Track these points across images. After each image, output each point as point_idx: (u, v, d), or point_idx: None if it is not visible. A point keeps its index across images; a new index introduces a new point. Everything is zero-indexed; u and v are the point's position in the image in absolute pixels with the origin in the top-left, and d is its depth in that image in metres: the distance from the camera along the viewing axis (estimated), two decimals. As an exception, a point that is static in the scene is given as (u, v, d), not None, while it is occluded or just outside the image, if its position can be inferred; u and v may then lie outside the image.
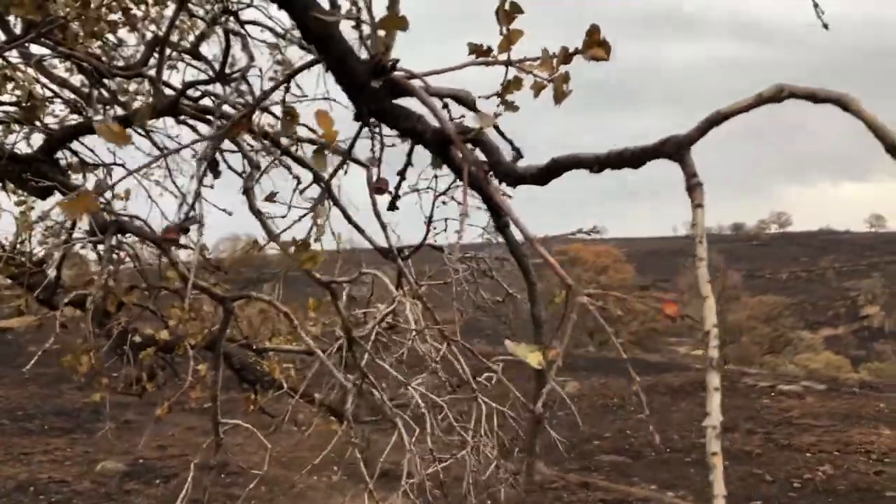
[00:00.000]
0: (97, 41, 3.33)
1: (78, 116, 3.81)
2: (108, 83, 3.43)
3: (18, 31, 3.13)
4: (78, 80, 3.79)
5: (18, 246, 3.67)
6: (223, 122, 2.08)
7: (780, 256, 76.89)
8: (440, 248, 3.92)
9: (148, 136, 3.86)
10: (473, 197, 1.76)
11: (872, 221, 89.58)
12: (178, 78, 4.58)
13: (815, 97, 1.03)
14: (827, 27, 1.83)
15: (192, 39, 3.72)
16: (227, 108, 2.64)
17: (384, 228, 2.77)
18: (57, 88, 3.81)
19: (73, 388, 14.30)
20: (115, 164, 3.95)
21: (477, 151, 1.54)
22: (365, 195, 1.83)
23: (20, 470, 10.52)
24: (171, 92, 2.95)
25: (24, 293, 3.59)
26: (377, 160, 1.74)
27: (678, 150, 1.14)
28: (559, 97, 1.56)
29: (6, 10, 2.76)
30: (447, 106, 1.69)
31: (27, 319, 3.36)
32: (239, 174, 3.24)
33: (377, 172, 1.78)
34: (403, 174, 1.88)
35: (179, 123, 3.65)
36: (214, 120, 2.18)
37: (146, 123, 3.45)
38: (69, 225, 3.14)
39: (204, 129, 3.60)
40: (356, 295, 4.07)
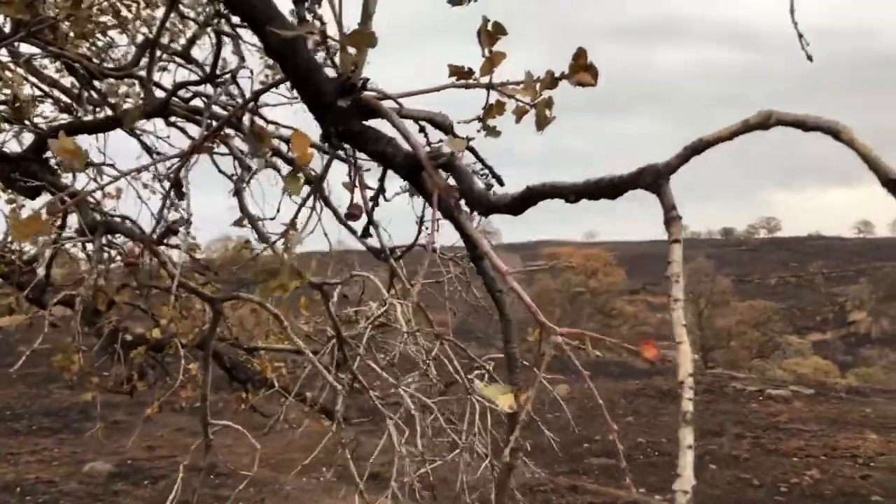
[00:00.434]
0: (87, 42, 3.33)
1: (68, 116, 3.80)
2: (98, 84, 3.43)
3: (7, 30, 3.13)
4: (68, 80, 3.79)
5: (8, 245, 3.66)
6: (212, 122, 2.07)
7: (769, 261, 77.15)
8: (434, 249, 3.93)
9: (137, 137, 3.86)
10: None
11: (861, 227, 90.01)
12: (169, 79, 4.58)
13: (804, 125, 0.99)
14: (811, 59, 1.82)
15: (183, 42, 3.72)
16: (216, 108, 2.64)
17: (376, 229, 2.78)
18: (47, 88, 3.80)
19: (61, 387, 14.24)
20: (104, 164, 3.95)
21: (450, 178, 1.45)
22: (355, 195, 1.80)
23: (7, 470, 10.46)
24: (161, 93, 2.95)
25: (13, 292, 3.58)
26: (353, 184, 1.70)
27: (656, 179, 1.08)
28: (542, 123, 1.51)
29: (-4, 9, 2.75)
30: (424, 129, 1.62)
31: (17, 318, 3.35)
32: (229, 177, 3.24)
33: (351, 198, 1.73)
34: (377, 201, 1.81)
35: (169, 125, 3.65)
36: (203, 120, 2.17)
37: (136, 124, 3.44)
38: (59, 224, 3.13)
39: (194, 130, 3.60)
40: (348, 293, 4.08)
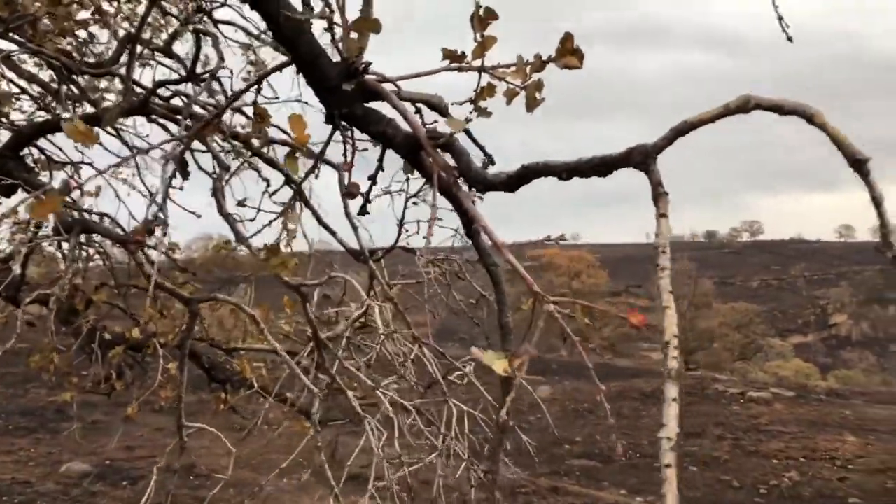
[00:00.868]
0: (67, 38, 3.29)
1: (46, 113, 3.76)
2: (78, 80, 3.39)
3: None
4: (47, 75, 3.75)
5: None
6: (192, 122, 2.06)
7: (751, 264, 77.69)
8: (413, 250, 3.92)
9: (118, 134, 3.83)
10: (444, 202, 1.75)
11: (842, 231, 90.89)
12: (150, 76, 4.55)
13: (781, 109, 1.04)
14: (791, 40, 1.85)
15: (164, 38, 3.69)
16: (196, 108, 2.62)
17: (355, 230, 2.76)
18: (25, 84, 3.76)
19: (38, 387, 14.09)
20: (82, 162, 3.91)
21: (447, 157, 1.53)
22: (335, 198, 1.80)
23: (-17, 470, 10.34)
24: (141, 91, 2.92)
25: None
26: (349, 164, 1.73)
27: (644, 159, 1.14)
28: (531, 105, 1.56)
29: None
30: (420, 111, 1.67)
31: (-9, 317, 3.31)
32: (210, 174, 3.21)
33: (348, 177, 1.76)
34: (375, 179, 1.85)
35: (150, 122, 3.62)
36: (183, 120, 2.15)
37: (116, 122, 3.41)
38: (35, 223, 3.10)
39: (175, 128, 3.57)
40: (329, 294, 4.06)
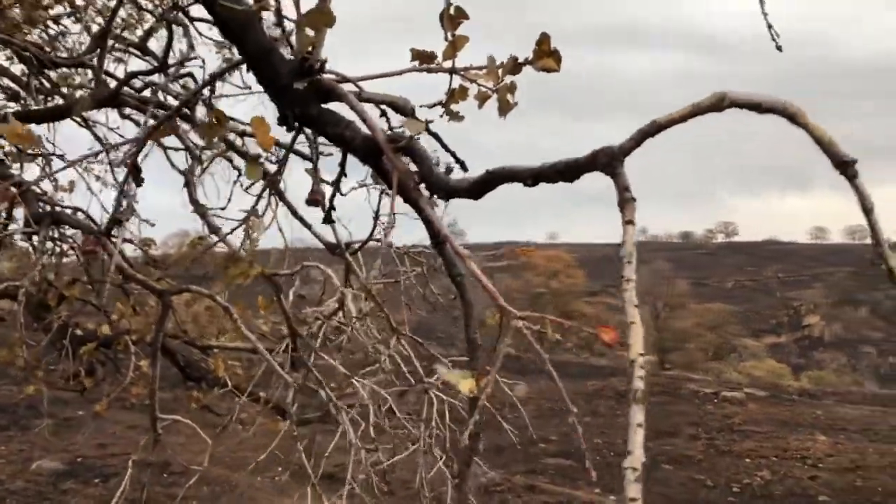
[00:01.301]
0: (36, 28, 3.24)
1: (16, 105, 3.70)
2: (49, 74, 3.34)
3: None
4: (18, 68, 3.69)
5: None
6: (159, 112, 2.02)
7: (726, 265, 78.29)
8: (390, 243, 3.91)
9: (89, 127, 3.78)
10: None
11: (816, 233, 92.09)
12: (123, 71, 4.51)
13: (759, 107, 0.98)
14: (780, 49, 1.82)
15: (140, 33, 3.66)
16: (168, 98, 2.59)
17: (332, 220, 2.74)
18: (-4, 76, 3.70)
19: (9, 383, 13.87)
20: (54, 154, 3.85)
21: (410, 162, 1.43)
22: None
23: (-49, 468, 10.17)
24: (114, 81, 2.88)
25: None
26: (314, 169, 1.67)
27: (611, 161, 1.08)
28: (504, 109, 1.49)
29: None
30: (385, 113, 1.59)
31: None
32: (181, 172, 3.18)
33: (312, 183, 1.70)
34: (338, 185, 1.76)
35: (124, 118, 3.58)
36: (150, 109, 2.11)
37: (87, 113, 3.37)
38: (4, 216, 3.05)
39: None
40: (307, 294, 4.04)
